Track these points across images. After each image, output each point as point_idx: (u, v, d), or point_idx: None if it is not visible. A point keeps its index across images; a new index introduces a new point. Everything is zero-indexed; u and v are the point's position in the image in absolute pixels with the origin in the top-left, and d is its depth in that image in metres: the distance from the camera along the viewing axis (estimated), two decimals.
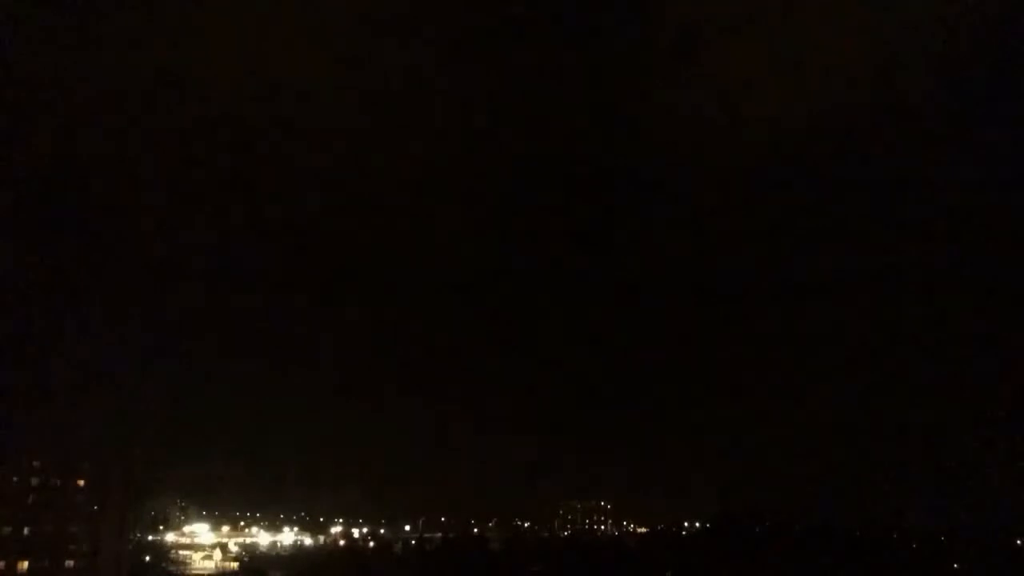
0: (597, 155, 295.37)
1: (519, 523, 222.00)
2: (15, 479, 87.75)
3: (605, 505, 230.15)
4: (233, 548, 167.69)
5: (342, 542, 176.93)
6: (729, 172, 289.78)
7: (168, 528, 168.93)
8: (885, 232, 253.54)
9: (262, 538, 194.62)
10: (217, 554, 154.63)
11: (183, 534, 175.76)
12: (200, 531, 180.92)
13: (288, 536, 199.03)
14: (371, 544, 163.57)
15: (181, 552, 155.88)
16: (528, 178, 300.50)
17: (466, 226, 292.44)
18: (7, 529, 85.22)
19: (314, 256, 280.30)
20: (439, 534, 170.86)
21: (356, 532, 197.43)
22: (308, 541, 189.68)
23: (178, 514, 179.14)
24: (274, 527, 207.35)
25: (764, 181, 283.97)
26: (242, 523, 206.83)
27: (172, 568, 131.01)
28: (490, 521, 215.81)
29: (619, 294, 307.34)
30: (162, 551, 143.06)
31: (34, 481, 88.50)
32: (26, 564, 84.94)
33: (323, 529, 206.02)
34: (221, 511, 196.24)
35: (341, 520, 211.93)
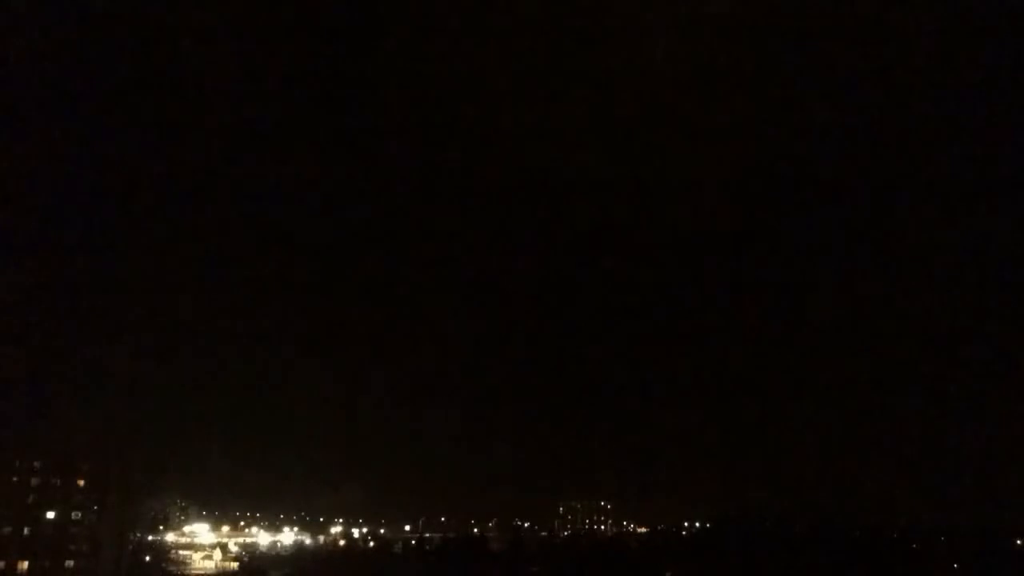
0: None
1: (519, 523, 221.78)
2: (15, 479, 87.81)
3: (605, 505, 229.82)
4: (233, 548, 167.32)
5: (342, 542, 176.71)
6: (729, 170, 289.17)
7: (168, 528, 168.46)
8: (882, 230, 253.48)
9: (262, 538, 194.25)
10: (217, 554, 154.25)
11: (183, 534, 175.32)
12: (200, 531, 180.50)
13: (288, 536, 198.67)
14: (371, 544, 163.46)
15: (181, 552, 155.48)
16: (528, 184, 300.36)
17: (466, 226, 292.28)
18: (7, 529, 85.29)
19: (314, 257, 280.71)
20: (439, 534, 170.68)
21: (356, 532, 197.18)
22: (308, 541, 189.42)
23: (178, 514, 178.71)
24: (274, 527, 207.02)
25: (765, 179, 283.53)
26: (242, 523, 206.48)
27: (172, 568, 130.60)
28: (490, 521, 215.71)
29: (619, 294, 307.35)
30: (162, 551, 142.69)
31: (34, 481, 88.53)
32: (26, 564, 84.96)
33: (323, 529, 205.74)
34: (221, 511, 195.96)
35: (341, 520, 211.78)
